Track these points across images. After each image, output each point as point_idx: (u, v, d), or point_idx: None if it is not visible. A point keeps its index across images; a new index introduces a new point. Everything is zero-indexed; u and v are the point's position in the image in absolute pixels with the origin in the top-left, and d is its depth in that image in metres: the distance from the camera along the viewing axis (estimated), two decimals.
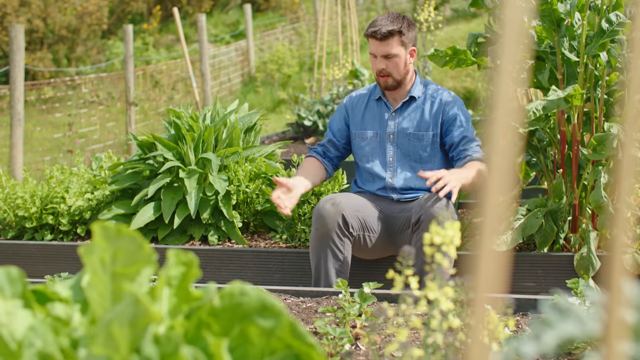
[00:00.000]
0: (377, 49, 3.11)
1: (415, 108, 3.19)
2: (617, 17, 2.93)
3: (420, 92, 3.20)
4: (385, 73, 3.13)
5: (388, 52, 3.10)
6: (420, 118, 3.17)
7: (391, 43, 3.10)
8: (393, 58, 3.11)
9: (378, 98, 3.26)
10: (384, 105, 3.25)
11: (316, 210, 2.97)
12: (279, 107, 11.43)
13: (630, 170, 0.70)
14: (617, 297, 0.69)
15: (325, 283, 2.94)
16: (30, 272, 3.72)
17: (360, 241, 3.04)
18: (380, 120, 3.24)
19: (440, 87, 3.24)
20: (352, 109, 3.32)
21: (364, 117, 3.28)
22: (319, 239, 2.95)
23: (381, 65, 3.12)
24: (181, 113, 3.98)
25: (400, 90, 3.22)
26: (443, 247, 1.20)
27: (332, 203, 2.95)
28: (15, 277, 1.06)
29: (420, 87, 3.22)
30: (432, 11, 8.16)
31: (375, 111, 3.26)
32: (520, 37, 0.66)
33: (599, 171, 2.97)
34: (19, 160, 6.51)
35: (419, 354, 1.18)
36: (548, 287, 3.08)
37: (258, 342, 0.99)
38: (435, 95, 3.19)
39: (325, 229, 2.93)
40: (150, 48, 15.61)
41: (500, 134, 0.66)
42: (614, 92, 3.16)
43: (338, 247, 2.94)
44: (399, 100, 3.23)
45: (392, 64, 3.12)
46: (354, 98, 3.36)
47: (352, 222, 2.96)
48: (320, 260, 2.94)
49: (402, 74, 3.16)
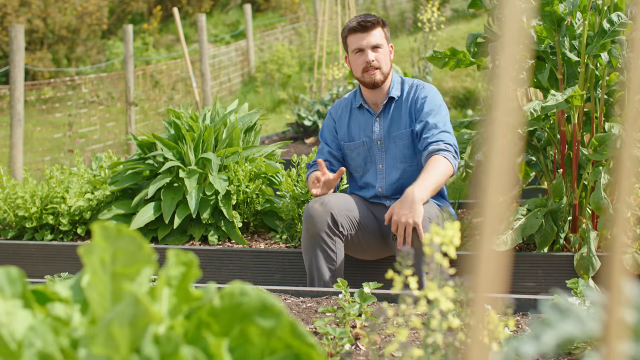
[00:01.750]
0: (364, 41, 3.07)
1: (396, 108, 3.16)
2: (619, 18, 2.93)
3: (399, 91, 3.17)
4: (376, 65, 3.08)
5: (376, 42, 3.08)
6: (400, 117, 3.14)
7: (376, 33, 3.08)
8: (381, 49, 3.09)
9: (359, 106, 3.22)
10: (367, 111, 3.20)
11: (305, 210, 2.97)
12: (279, 107, 11.42)
13: (630, 170, 0.70)
14: (617, 297, 0.69)
15: (319, 283, 2.94)
16: (30, 272, 3.72)
17: (353, 241, 3.04)
18: (365, 127, 3.19)
19: (416, 82, 3.18)
20: (338, 119, 3.27)
21: (349, 127, 3.23)
22: (309, 239, 2.95)
23: (371, 57, 3.07)
24: (181, 113, 3.98)
25: (379, 92, 3.17)
26: (443, 247, 1.20)
27: (320, 203, 2.95)
28: (15, 277, 1.06)
29: (398, 86, 3.18)
30: (435, 11, 8.15)
31: (360, 119, 3.22)
32: (519, 37, 0.66)
33: (600, 172, 2.97)
34: (19, 160, 6.51)
35: (419, 354, 1.18)
36: (548, 287, 3.08)
37: (258, 342, 0.99)
38: (411, 90, 3.15)
39: (315, 229, 2.93)
40: (150, 48, 15.61)
41: (500, 134, 0.66)
42: (614, 92, 3.16)
43: (329, 246, 2.93)
44: (380, 103, 3.18)
45: (382, 55, 3.10)
46: (337, 108, 3.30)
47: (341, 221, 2.96)
48: (312, 260, 2.94)
49: (388, 68, 3.13)
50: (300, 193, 3.57)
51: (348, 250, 3.07)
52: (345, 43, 3.18)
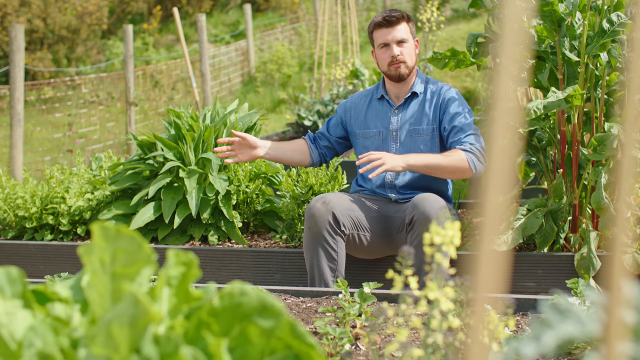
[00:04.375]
0: (389, 36, 3.15)
1: (417, 103, 3.22)
2: (618, 17, 2.93)
3: (422, 88, 3.23)
4: (401, 59, 3.16)
5: (401, 37, 3.15)
6: (421, 112, 3.19)
7: (402, 28, 3.15)
8: (406, 43, 3.16)
9: (380, 97, 3.29)
10: (387, 103, 3.27)
11: (307, 209, 2.99)
12: (279, 107, 11.43)
13: (630, 170, 0.70)
14: (617, 297, 0.69)
15: (320, 282, 2.94)
16: (30, 272, 3.72)
17: (355, 240, 3.04)
18: (383, 117, 3.25)
19: (440, 83, 3.26)
20: (353, 109, 3.34)
21: (366, 116, 3.30)
22: (311, 238, 2.95)
23: (396, 51, 3.14)
24: (181, 113, 3.98)
25: (403, 86, 3.24)
26: (443, 247, 1.20)
27: (322, 202, 2.96)
28: (15, 277, 1.06)
29: (422, 84, 3.25)
30: (434, 11, 8.15)
31: (379, 109, 3.28)
32: (519, 37, 0.66)
33: (600, 172, 2.97)
34: (19, 160, 6.51)
35: (419, 354, 1.18)
36: (548, 287, 3.08)
37: (258, 342, 0.99)
38: (436, 90, 3.22)
39: (316, 227, 2.94)
40: (150, 48, 15.61)
41: (500, 134, 0.66)
42: (614, 92, 3.16)
43: (331, 245, 2.94)
44: (402, 97, 3.25)
45: (406, 50, 3.17)
46: (355, 98, 3.39)
47: (343, 220, 2.97)
48: (314, 259, 2.95)
49: (414, 62, 3.21)
50: (300, 193, 3.57)
51: (349, 250, 3.08)
52: (371, 38, 3.26)
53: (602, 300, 0.71)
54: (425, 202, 2.86)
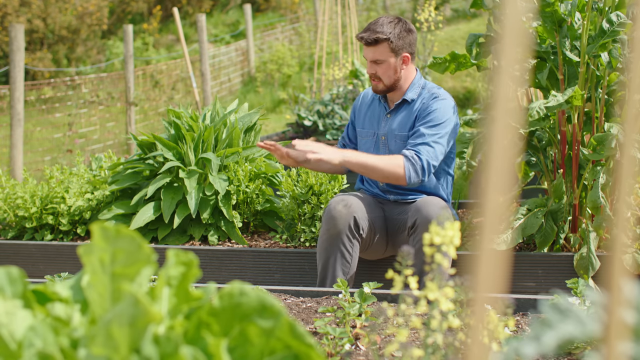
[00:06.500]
0: (366, 54, 3.15)
1: (406, 110, 3.19)
2: (618, 18, 2.93)
3: (415, 95, 3.17)
4: (376, 78, 3.15)
5: (376, 57, 3.11)
6: (407, 119, 3.17)
7: (379, 49, 3.09)
8: (382, 64, 3.11)
9: (380, 98, 3.29)
10: (383, 106, 3.27)
11: (327, 211, 2.97)
12: (279, 107, 11.42)
13: (629, 170, 0.70)
14: (617, 297, 0.69)
15: (331, 284, 2.94)
16: (30, 272, 3.72)
17: (365, 242, 3.05)
18: (377, 120, 3.26)
19: (437, 92, 3.17)
20: (359, 107, 3.37)
21: (365, 116, 3.31)
22: (328, 239, 2.94)
23: (371, 70, 3.13)
24: (181, 113, 3.98)
25: (396, 93, 3.22)
26: (443, 247, 1.20)
27: (344, 204, 2.95)
28: (15, 277, 1.06)
29: (417, 90, 3.19)
30: (432, 11, 8.16)
31: (375, 111, 3.29)
32: (520, 37, 0.66)
33: (598, 171, 2.97)
34: (19, 160, 6.51)
35: (419, 354, 1.18)
36: (548, 287, 3.08)
37: (257, 342, 0.99)
38: (426, 96, 3.16)
39: (336, 230, 2.93)
40: (150, 48, 15.61)
41: (500, 134, 0.66)
42: (615, 92, 3.16)
43: (347, 249, 2.94)
44: (395, 102, 3.23)
45: (381, 69, 3.12)
46: (364, 95, 3.40)
47: (362, 224, 2.96)
48: (329, 261, 2.94)
49: (391, 80, 3.15)
50: (300, 193, 3.57)
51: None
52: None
53: (602, 300, 0.71)
54: (428, 206, 2.86)
